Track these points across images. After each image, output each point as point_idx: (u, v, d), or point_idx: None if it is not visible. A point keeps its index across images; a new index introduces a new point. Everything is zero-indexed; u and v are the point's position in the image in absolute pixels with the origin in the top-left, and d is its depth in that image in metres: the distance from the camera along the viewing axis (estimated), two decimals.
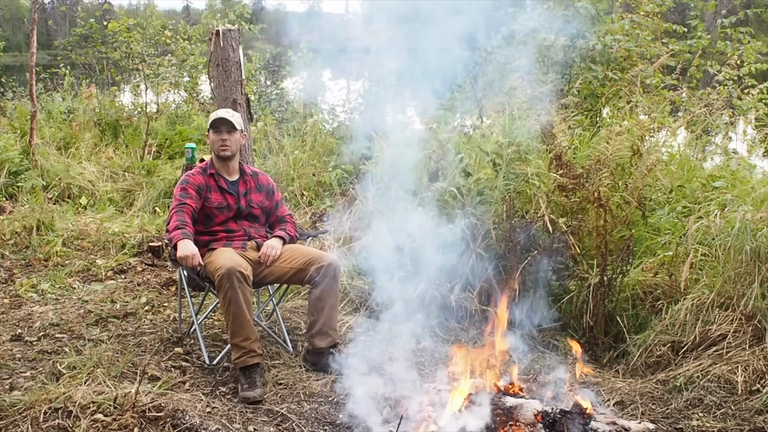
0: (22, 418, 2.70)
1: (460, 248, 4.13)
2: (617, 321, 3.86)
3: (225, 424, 2.84)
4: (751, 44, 6.63)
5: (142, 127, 8.36)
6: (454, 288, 4.14)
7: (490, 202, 4.38)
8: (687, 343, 3.49)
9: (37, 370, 3.28)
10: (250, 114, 4.87)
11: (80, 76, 10.63)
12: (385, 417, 2.95)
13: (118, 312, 4.15)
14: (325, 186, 6.56)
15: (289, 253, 3.55)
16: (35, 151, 6.91)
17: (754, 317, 3.41)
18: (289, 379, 3.38)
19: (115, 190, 6.83)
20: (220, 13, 10.25)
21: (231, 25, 4.87)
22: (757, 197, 4.02)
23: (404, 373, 3.37)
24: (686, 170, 4.91)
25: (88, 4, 27.40)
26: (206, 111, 9.35)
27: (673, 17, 11.19)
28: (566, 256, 4.06)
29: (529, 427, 2.65)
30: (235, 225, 3.60)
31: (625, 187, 4.27)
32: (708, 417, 3.03)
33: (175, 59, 9.55)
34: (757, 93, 6.17)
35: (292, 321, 4.13)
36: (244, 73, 4.83)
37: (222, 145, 3.56)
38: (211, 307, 3.74)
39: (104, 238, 5.47)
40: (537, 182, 4.33)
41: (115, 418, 2.67)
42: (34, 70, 7.32)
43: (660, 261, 4.01)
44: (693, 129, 5.57)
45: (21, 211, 5.83)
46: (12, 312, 4.12)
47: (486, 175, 4.51)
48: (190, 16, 36.68)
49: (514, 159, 4.49)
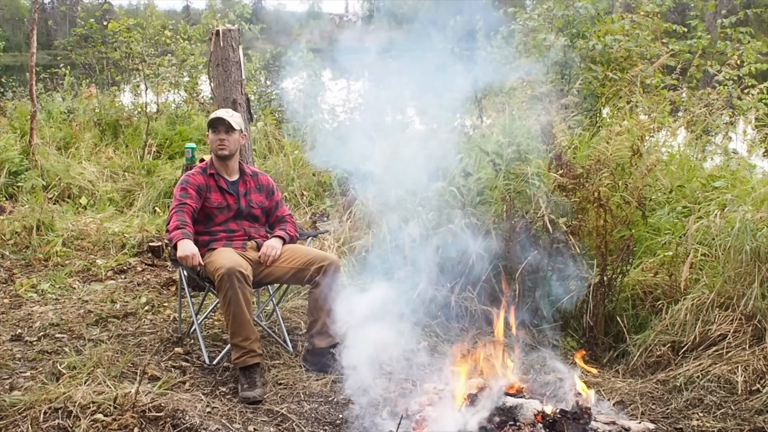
0: (22, 418, 2.70)
1: (460, 248, 4.13)
2: (617, 321, 3.87)
3: (225, 424, 2.85)
4: (751, 44, 6.63)
5: (142, 127, 8.36)
6: (454, 288, 4.14)
7: (490, 202, 4.38)
8: (687, 343, 3.49)
9: (37, 370, 3.28)
10: (250, 114, 4.87)
11: (80, 76, 10.62)
12: (385, 417, 2.95)
13: (118, 312, 4.15)
14: (325, 186, 6.56)
15: (289, 253, 3.55)
16: (35, 151, 6.91)
17: (754, 317, 3.41)
18: (289, 379, 3.38)
19: (115, 190, 6.83)
20: (220, 13, 10.25)
21: (231, 25, 4.87)
22: (757, 197, 4.02)
23: (404, 373, 3.37)
24: (686, 170, 4.91)
25: (88, 4, 27.39)
26: (206, 111, 9.35)
27: (673, 17, 11.19)
28: (566, 256, 4.06)
29: (529, 427, 2.65)
30: (235, 225, 3.59)
31: (625, 187, 4.27)
32: (708, 417, 3.03)
33: (175, 59, 9.55)
34: (757, 93, 6.17)
35: (292, 321, 4.13)
36: (244, 73, 4.83)
37: (220, 145, 3.56)
38: (211, 307, 3.74)
39: (104, 238, 5.47)
40: (537, 182, 4.33)
41: (115, 418, 2.67)
42: (34, 70, 7.32)
43: (660, 261, 4.01)
44: (693, 129, 5.58)
45: (21, 211, 5.82)
46: (12, 312, 4.12)
47: (486, 175, 4.51)
48: (190, 16, 36.66)
49: (514, 159, 4.49)
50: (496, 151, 4.55)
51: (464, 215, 4.25)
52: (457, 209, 4.35)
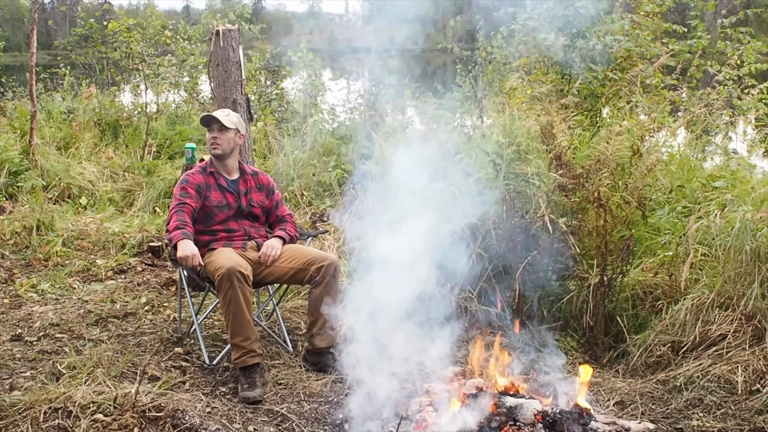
0: (22, 418, 2.70)
1: (460, 248, 4.12)
2: (617, 321, 3.86)
3: (225, 424, 2.85)
4: (751, 44, 6.63)
5: (142, 127, 8.35)
6: (454, 288, 4.14)
7: (490, 202, 4.38)
8: (687, 343, 3.49)
9: (37, 370, 3.28)
10: (250, 114, 4.87)
11: (80, 76, 10.62)
12: (385, 417, 2.95)
13: (118, 312, 4.15)
14: (325, 186, 6.56)
15: (289, 253, 3.55)
16: (35, 151, 6.91)
17: (754, 317, 3.41)
18: (289, 379, 3.38)
19: (115, 190, 6.82)
20: (220, 13, 10.26)
21: (231, 25, 4.87)
22: (757, 197, 4.02)
23: (404, 373, 3.37)
24: (686, 170, 4.91)
25: (88, 4, 27.39)
26: (206, 111, 9.34)
27: (673, 17, 11.18)
28: (566, 256, 4.06)
29: (529, 427, 2.65)
30: (236, 224, 3.59)
31: (625, 187, 4.26)
32: (708, 417, 3.03)
33: (175, 59, 9.56)
34: (757, 93, 6.18)
35: (292, 321, 4.13)
36: (244, 73, 4.83)
37: (213, 144, 3.56)
38: (211, 307, 3.74)
39: (104, 238, 5.47)
40: (537, 182, 4.33)
41: (115, 418, 2.67)
42: (34, 70, 7.31)
43: (660, 261, 4.00)
44: (693, 129, 5.58)
45: (21, 211, 5.82)
46: (12, 312, 4.12)
47: (486, 175, 4.51)
48: (190, 16, 36.67)
49: (514, 159, 4.49)
50: (496, 151, 4.54)
51: (464, 215, 4.25)
52: (457, 209, 4.35)
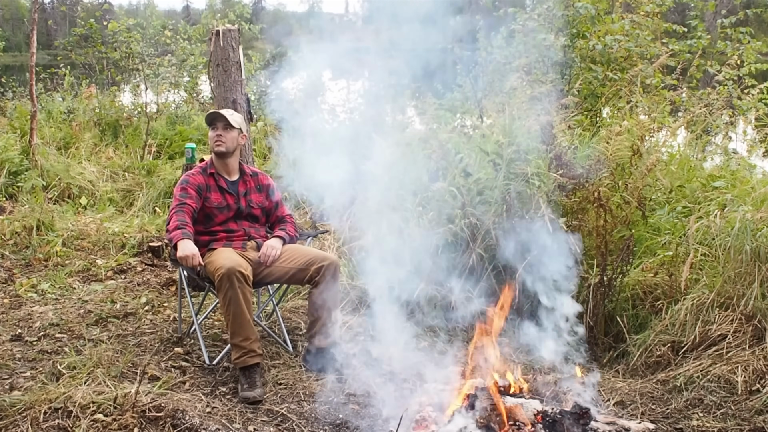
0: (22, 418, 2.70)
1: (460, 248, 4.12)
2: (617, 321, 3.86)
3: (225, 424, 2.84)
4: (751, 44, 6.63)
5: (142, 127, 8.36)
6: (454, 288, 4.14)
7: (490, 202, 4.38)
8: (687, 343, 3.49)
9: (37, 370, 3.28)
10: (250, 114, 4.87)
11: (80, 76, 10.62)
12: (385, 417, 2.95)
13: (118, 312, 4.15)
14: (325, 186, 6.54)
15: (289, 253, 3.55)
16: (35, 151, 6.91)
17: (754, 317, 3.41)
18: (289, 379, 3.38)
19: (115, 190, 6.83)
20: (220, 13, 10.27)
21: (231, 25, 4.87)
22: (757, 197, 4.02)
23: (404, 373, 3.37)
24: (686, 170, 4.91)
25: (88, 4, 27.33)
26: (206, 111, 9.35)
27: (673, 17, 11.19)
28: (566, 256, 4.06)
29: (529, 427, 2.65)
30: (235, 225, 3.59)
31: (625, 187, 4.26)
32: (708, 417, 3.03)
33: (175, 59, 9.56)
34: (757, 93, 6.18)
35: (292, 321, 4.13)
36: (244, 73, 4.84)
37: (217, 141, 3.56)
38: (211, 307, 3.74)
39: (104, 238, 5.47)
40: (537, 182, 4.33)
41: (115, 418, 2.67)
42: (34, 70, 7.32)
43: (660, 261, 4.00)
44: (693, 129, 5.58)
45: (21, 211, 5.82)
46: (12, 312, 4.12)
47: (486, 175, 4.51)
48: (190, 16, 36.65)
49: (514, 159, 4.48)
50: (496, 151, 4.54)
51: (464, 215, 4.25)
52: (457, 209, 4.35)
